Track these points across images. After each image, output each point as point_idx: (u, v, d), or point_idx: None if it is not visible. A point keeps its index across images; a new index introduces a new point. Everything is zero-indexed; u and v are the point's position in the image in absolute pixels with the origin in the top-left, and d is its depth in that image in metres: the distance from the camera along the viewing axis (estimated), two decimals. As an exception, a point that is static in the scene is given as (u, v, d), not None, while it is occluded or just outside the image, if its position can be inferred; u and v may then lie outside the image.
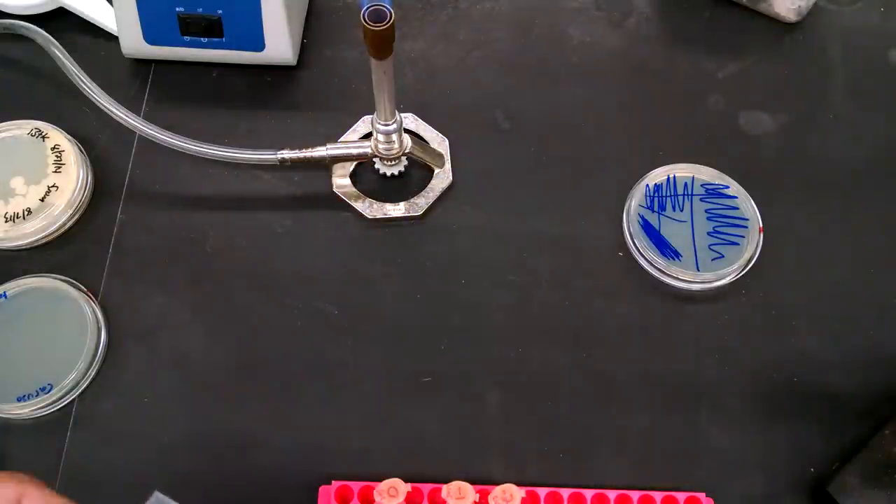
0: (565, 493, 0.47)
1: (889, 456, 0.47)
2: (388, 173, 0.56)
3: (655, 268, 0.53)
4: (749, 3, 0.63)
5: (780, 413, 0.50)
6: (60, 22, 0.60)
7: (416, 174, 0.57)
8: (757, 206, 0.55)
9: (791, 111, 0.60)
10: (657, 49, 0.62)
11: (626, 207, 0.55)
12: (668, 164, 0.56)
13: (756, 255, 0.54)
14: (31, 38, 0.57)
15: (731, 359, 0.52)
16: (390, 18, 0.41)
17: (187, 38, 0.57)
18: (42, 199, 0.53)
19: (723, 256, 0.54)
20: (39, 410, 0.49)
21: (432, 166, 0.56)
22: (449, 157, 0.57)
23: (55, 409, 0.49)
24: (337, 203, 0.56)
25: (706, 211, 0.55)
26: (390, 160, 0.54)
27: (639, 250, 0.54)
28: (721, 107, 0.60)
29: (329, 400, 0.50)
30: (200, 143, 0.53)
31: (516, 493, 0.44)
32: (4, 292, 0.52)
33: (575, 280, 0.54)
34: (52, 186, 0.53)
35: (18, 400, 0.48)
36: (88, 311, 0.51)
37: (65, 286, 0.52)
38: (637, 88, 0.60)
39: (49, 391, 0.49)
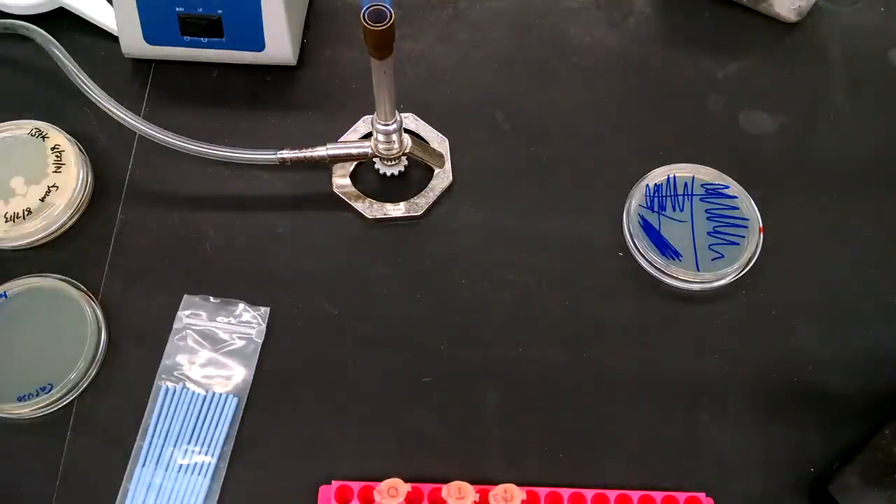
0: (565, 493, 0.47)
1: (889, 456, 0.47)
2: (388, 173, 0.56)
3: (655, 268, 0.53)
4: (749, 3, 0.63)
5: (780, 413, 0.50)
6: (60, 22, 0.60)
7: (416, 174, 0.57)
8: (757, 206, 0.55)
9: (791, 111, 0.60)
10: (657, 49, 0.62)
11: (626, 207, 0.55)
12: (668, 164, 0.56)
13: (756, 255, 0.54)
14: (31, 38, 0.57)
15: (731, 359, 0.52)
16: (390, 18, 0.41)
17: (187, 38, 0.57)
18: (42, 199, 0.53)
19: (723, 256, 0.54)
20: (39, 410, 0.49)
21: (432, 166, 0.56)
22: (449, 157, 0.57)
23: (55, 409, 0.49)
24: (337, 203, 0.56)
25: (706, 211, 0.55)
26: (390, 160, 0.54)
27: (639, 250, 0.54)
28: (721, 107, 0.60)
29: (329, 400, 0.50)
30: (200, 143, 0.53)
31: (516, 493, 0.44)
32: (4, 292, 0.52)
33: (575, 280, 0.54)
34: (52, 186, 0.53)
35: (18, 400, 0.49)
36: (88, 311, 0.51)
37: (65, 286, 0.52)
38: (637, 88, 0.60)
39: (49, 391, 0.49)
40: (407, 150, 0.54)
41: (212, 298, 0.52)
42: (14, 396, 0.49)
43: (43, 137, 0.55)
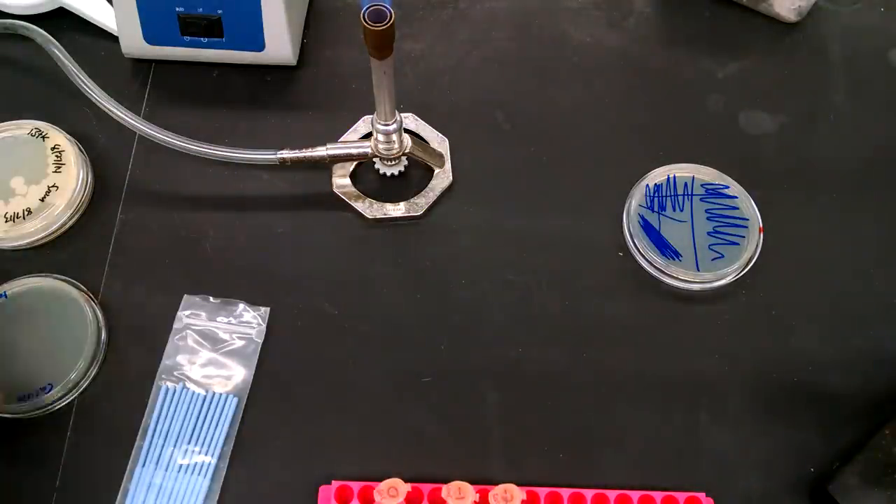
0: (565, 493, 0.47)
1: (889, 456, 0.47)
2: (388, 173, 0.56)
3: (655, 268, 0.53)
4: (749, 3, 0.63)
5: (780, 413, 0.50)
6: (60, 22, 0.60)
7: (416, 174, 0.57)
8: (757, 206, 0.55)
9: (791, 111, 0.60)
10: (657, 49, 0.62)
11: (626, 207, 0.55)
12: (668, 164, 0.56)
13: (756, 255, 0.54)
14: (31, 38, 0.57)
15: (731, 359, 0.52)
16: (390, 18, 0.41)
17: (187, 38, 0.57)
18: (42, 199, 0.53)
19: (723, 256, 0.54)
20: (40, 410, 0.49)
21: (432, 166, 0.56)
22: (449, 157, 0.57)
23: (55, 408, 0.49)
24: (337, 203, 0.56)
25: (706, 211, 0.55)
26: (390, 160, 0.54)
27: (639, 250, 0.54)
28: (721, 107, 0.60)
29: (329, 400, 0.50)
30: (200, 143, 0.53)
31: (516, 493, 0.44)
32: (4, 292, 0.52)
33: (575, 280, 0.54)
34: (52, 186, 0.53)
35: (19, 400, 0.49)
36: (88, 311, 0.51)
37: (65, 286, 0.52)
38: (637, 88, 0.60)
39: (49, 391, 0.49)
40: (407, 150, 0.54)
41: (212, 298, 0.52)
42: (14, 396, 0.49)
43: (43, 137, 0.55)
